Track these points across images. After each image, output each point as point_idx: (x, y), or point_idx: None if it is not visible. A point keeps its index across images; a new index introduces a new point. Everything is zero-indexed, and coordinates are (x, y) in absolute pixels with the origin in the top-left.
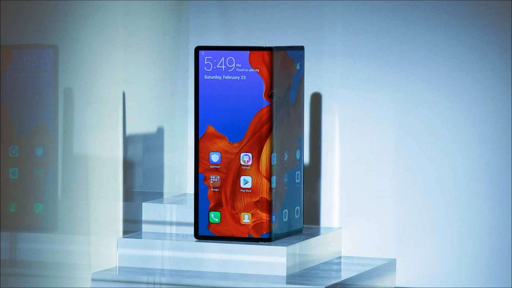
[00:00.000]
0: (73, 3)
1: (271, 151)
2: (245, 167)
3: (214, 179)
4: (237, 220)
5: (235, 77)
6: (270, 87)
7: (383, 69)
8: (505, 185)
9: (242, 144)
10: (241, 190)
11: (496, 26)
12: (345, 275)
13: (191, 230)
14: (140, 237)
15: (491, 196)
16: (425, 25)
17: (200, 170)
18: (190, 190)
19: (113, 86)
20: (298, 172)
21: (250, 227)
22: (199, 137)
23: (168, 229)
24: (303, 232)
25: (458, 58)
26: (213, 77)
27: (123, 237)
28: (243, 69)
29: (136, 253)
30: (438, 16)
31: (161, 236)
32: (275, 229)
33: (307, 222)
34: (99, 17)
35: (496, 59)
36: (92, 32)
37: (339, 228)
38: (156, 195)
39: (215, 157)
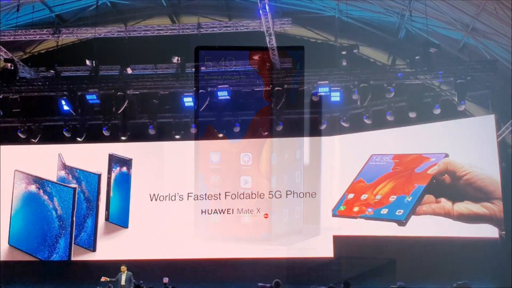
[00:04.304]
0: None
1: (271, 151)
2: (245, 167)
3: (214, 179)
4: (237, 220)
5: (235, 77)
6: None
7: None
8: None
9: (242, 144)
10: (241, 190)
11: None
12: (345, 275)
13: (190, 230)
14: None
15: None
16: None
17: (200, 170)
18: (190, 190)
19: None
20: (298, 172)
21: (250, 227)
22: (199, 137)
23: None
24: (303, 232)
25: None
26: (213, 77)
27: None
28: (243, 69)
29: None
30: None
31: None
32: (275, 229)
33: (307, 222)
34: None
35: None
36: None
37: (339, 228)
38: None
39: (215, 157)
